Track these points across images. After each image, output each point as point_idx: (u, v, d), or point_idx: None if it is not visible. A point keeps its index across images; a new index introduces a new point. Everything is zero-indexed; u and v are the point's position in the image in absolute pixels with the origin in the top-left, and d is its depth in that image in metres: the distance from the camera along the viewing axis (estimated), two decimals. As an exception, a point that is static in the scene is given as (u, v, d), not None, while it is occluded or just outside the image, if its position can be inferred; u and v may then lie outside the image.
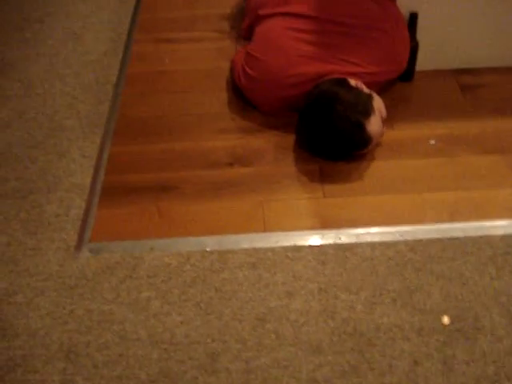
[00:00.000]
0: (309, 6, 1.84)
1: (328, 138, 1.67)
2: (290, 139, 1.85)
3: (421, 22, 1.93)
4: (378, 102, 1.71)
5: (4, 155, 1.87)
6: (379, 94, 1.81)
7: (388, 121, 1.85)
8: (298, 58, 1.77)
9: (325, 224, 1.61)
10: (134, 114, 1.98)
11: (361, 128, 1.64)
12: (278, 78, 1.80)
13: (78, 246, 1.59)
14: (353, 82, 1.70)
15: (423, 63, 2.01)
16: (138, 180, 1.76)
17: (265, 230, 1.60)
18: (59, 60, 2.24)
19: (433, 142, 1.82)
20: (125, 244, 1.59)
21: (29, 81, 2.15)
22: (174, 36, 2.31)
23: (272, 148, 1.82)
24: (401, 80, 1.98)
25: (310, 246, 1.56)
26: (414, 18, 1.90)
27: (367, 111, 1.65)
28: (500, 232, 1.59)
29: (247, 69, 1.88)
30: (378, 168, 1.76)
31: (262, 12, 1.94)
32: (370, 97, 1.69)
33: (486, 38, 1.99)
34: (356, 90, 1.68)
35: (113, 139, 1.89)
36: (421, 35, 1.95)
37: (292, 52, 1.79)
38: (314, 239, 1.58)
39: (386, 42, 1.78)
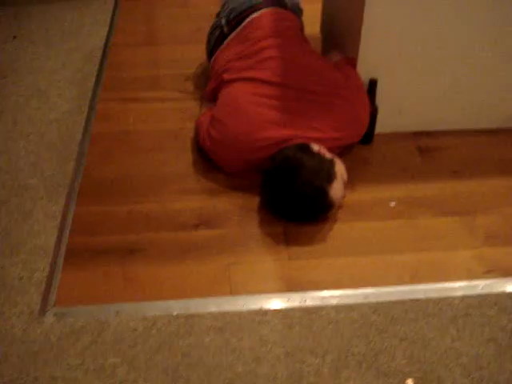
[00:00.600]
0: (272, 73, 1.90)
1: (291, 202, 1.71)
2: (254, 201, 1.88)
3: (380, 88, 2.01)
4: (339, 167, 1.76)
5: (-35, 215, 1.84)
6: (340, 156, 1.87)
7: (349, 183, 1.90)
8: (262, 124, 1.82)
9: (290, 286, 1.63)
10: (99, 174, 1.98)
11: (323, 194, 1.69)
12: (242, 142, 1.84)
13: (42, 310, 1.58)
14: (316, 147, 1.75)
15: (382, 126, 2.08)
16: (103, 242, 1.75)
17: (231, 293, 1.61)
18: (23, 117, 2.24)
19: (393, 204, 1.88)
20: (90, 308, 1.58)
21: (-9, 139, 2.14)
22: (138, 95, 2.34)
23: (237, 210, 1.85)
24: (361, 143, 2.04)
25: (277, 310, 1.58)
26: (373, 84, 1.98)
27: (330, 177, 1.70)
28: (460, 293, 1.64)
29: (212, 132, 1.92)
30: (341, 230, 1.80)
31: (226, 76, 1.99)
32: (332, 162, 1.74)
33: (443, 102, 2.09)
34: (319, 155, 1.72)
35: (78, 199, 1.89)
36: (380, 100, 2.02)
37: (256, 117, 1.83)
38: (280, 302, 1.59)
39: (348, 108, 1.85)
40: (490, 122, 2.16)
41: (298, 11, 2.21)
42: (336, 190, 1.70)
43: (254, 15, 2.08)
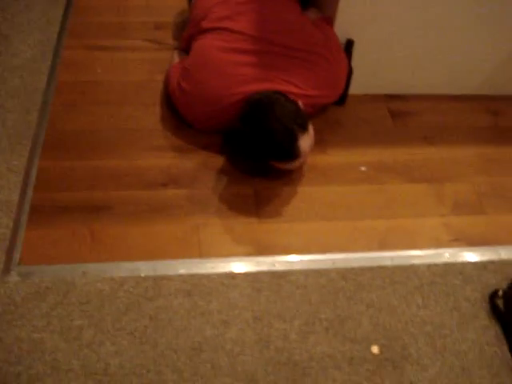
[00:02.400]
0: (252, 25, 1.84)
1: (260, 137, 1.66)
2: (224, 160, 1.85)
3: (355, 48, 1.97)
4: (311, 127, 1.73)
5: None
6: (314, 116, 1.85)
7: (321, 144, 1.89)
8: (237, 79, 1.77)
9: (260, 250, 1.63)
10: (64, 127, 1.92)
11: (293, 138, 1.64)
12: (215, 97, 1.79)
13: (6, 269, 1.54)
14: (293, 97, 1.72)
15: (356, 87, 2.06)
16: (68, 199, 1.71)
17: (200, 256, 1.60)
18: (-17, 62, 2.13)
19: (364, 168, 1.88)
20: (56, 268, 1.55)
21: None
22: (106, 43, 2.25)
23: (206, 169, 1.82)
24: (334, 104, 2.01)
25: (246, 273, 1.57)
26: (350, 44, 1.95)
27: (304, 126, 1.66)
28: (426, 261, 1.66)
29: (183, 84, 1.86)
30: (312, 194, 1.79)
31: (204, 24, 1.92)
32: (308, 117, 1.71)
33: (417, 65, 2.07)
34: (297, 104, 1.69)
35: (42, 153, 1.83)
36: (354, 61, 1.99)
37: (231, 73, 1.78)
38: (249, 266, 1.59)
39: (328, 67, 1.81)
40: (464, 88, 2.16)
41: None
42: (305, 142, 1.66)
43: None
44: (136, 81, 2.10)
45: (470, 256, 1.68)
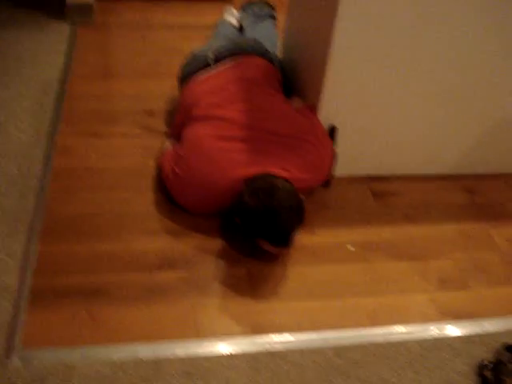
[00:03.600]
0: (241, 113, 1.96)
1: (263, 218, 1.74)
2: (217, 242, 1.92)
3: (338, 133, 2.09)
4: None
5: None
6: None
7: (309, 226, 1.98)
8: (230, 164, 1.86)
9: (255, 329, 1.68)
10: (60, 212, 1.97)
11: (292, 228, 1.78)
12: (209, 181, 1.88)
13: (7, 354, 1.56)
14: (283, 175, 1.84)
15: (339, 170, 2.17)
16: (67, 283, 1.75)
17: (198, 336, 1.64)
18: (-21, 149, 2.20)
19: (351, 247, 1.96)
20: (56, 351, 1.58)
21: None
22: (99, 130, 2.34)
23: (200, 251, 1.88)
24: (320, 186, 2.11)
25: (243, 354, 1.62)
26: (333, 130, 2.07)
27: (302, 220, 1.82)
28: (416, 336, 1.72)
29: (177, 169, 1.95)
30: (302, 273, 1.86)
31: (195, 111, 2.03)
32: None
33: (396, 148, 2.20)
34: (288, 181, 1.81)
35: (39, 237, 1.88)
36: (337, 145, 2.11)
37: (224, 160, 1.87)
38: (247, 346, 1.64)
39: (316, 152, 1.93)
40: (439, 168, 2.29)
41: (277, 62, 2.33)
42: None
43: (241, 59, 2.17)
44: (129, 167, 2.18)
45: (457, 330, 1.75)
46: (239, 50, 2.24)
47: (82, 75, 2.67)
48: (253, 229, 1.79)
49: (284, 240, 1.78)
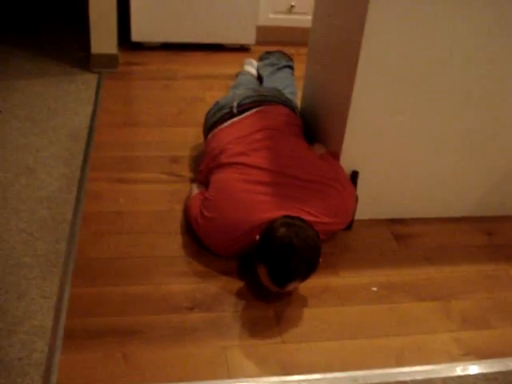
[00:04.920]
0: (267, 160, 2.04)
1: (306, 250, 1.80)
2: (244, 284, 1.97)
3: (359, 178, 2.16)
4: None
5: (-41, 294, 1.86)
6: (324, 241, 2.00)
7: (332, 268, 2.04)
8: (257, 207, 1.93)
9: (285, 370, 1.72)
10: (91, 255, 2.04)
11: (317, 263, 1.85)
12: (237, 223, 1.94)
13: (44, 394, 1.60)
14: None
15: (360, 213, 2.23)
16: (100, 323, 1.80)
17: (229, 376, 1.68)
18: (13, 194, 2.28)
19: (375, 288, 2.01)
20: (92, 391, 1.62)
21: (-18, 215, 2.17)
22: (126, 176, 2.43)
23: (228, 293, 1.94)
24: (342, 229, 2.18)
25: (273, 393, 1.65)
26: (355, 175, 2.14)
27: (307, 275, 1.87)
28: (441, 375, 1.76)
29: (205, 212, 2.02)
30: (329, 314, 1.90)
31: (223, 158, 2.11)
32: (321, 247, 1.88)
33: (416, 192, 2.27)
34: (315, 230, 1.87)
35: (72, 280, 1.94)
36: (359, 189, 2.18)
37: (249, 203, 1.95)
38: (277, 385, 1.67)
39: (340, 197, 2.00)
40: (458, 210, 2.35)
41: (297, 110, 2.44)
42: (294, 286, 1.89)
43: (263, 107, 2.26)
44: (157, 211, 2.25)
45: (481, 368, 1.78)
46: (262, 98, 2.34)
47: (108, 124, 2.78)
48: (264, 252, 1.83)
49: (282, 280, 1.81)
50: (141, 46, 3.48)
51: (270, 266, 1.81)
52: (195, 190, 2.23)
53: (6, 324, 1.78)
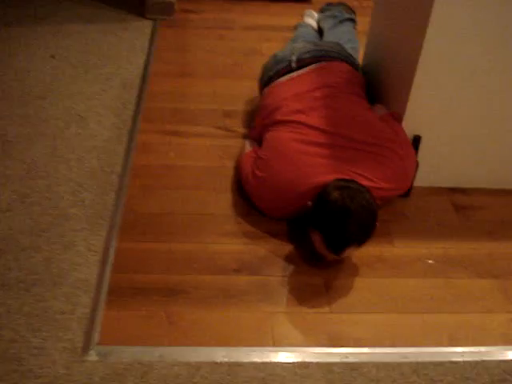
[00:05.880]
0: (325, 120, 1.93)
1: (362, 213, 1.71)
2: (293, 248, 1.90)
3: (421, 143, 2.04)
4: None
5: (5, 241, 1.84)
6: (380, 207, 1.90)
7: (388, 236, 1.94)
8: (310, 170, 1.84)
9: (332, 341, 1.65)
10: (139, 209, 2.00)
11: (347, 242, 1.74)
12: (289, 186, 1.86)
13: (85, 348, 1.58)
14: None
15: (419, 180, 2.12)
16: (145, 281, 1.76)
17: (274, 344, 1.63)
18: (62, 142, 2.25)
19: (431, 261, 1.91)
20: (133, 349, 1.59)
21: (32, 161, 2.14)
22: (178, 129, 2.36)
23: (277, 257, 1.87)
24: (399, 195, 2.07)
25: (318, 364, 1.59)
26: (417, 140, 2.02)
27: (363, 241, 1.78)
28: (496, 357, 1.66)
29: (258, 173, 1.94)
30: (381, 286, 1.82)
31: (277, 116, 2.02)
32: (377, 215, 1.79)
33: (481, 160, 2.14)
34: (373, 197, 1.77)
35: (119, 234, 1.90)
36: (419, 154, 2.06)
37: (304, 165, 1.86)
38: (322, 357, 1.61)
39: (399, 162, 1.89)
40: (526, 182, 2.21)
41: (359, 67, 2.31)
42: (352, 252, 1.81)
43: (324, 63, 2.14)
44: (207, 166, 2.19)
45: (540, 353, 1.68)
46: (322, 53, 2.21)
47: (161, 73, 2.70)
48: (318, 219, 1.75)
49: (339, 246, 1.73)
50: (199, -6, 3.37)
51: (325, 232, 1.72)
52: (248, 146, 2.15)
53: (51, 275, 1.77)
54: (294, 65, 2.18)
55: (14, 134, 2.27)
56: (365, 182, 1.82)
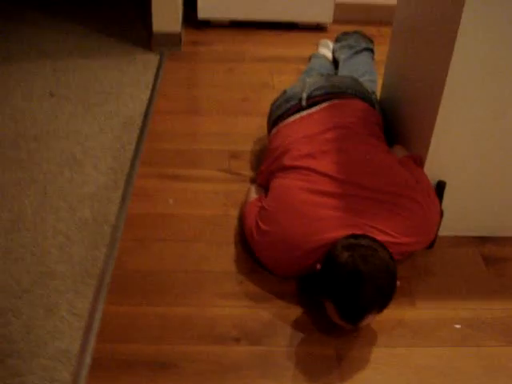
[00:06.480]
0: (337, 166, 1.73)
1: (377, 275, 1.49)
2: (302, 313, 1.69)
3: (446, 189, 1.82)
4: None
5: (-16, 303, 1.67)
6: (399, 262, 1.69)
7: (409, 296, 1.72)
8: (322, 224, 1.64)
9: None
10: (131, 266, 1.81)
11: (393, 289, 1.54)
12: (298, 242, 1.66)
13: None
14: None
15: (445, 229, 1.89)
16: (133, 352, 1.57)
17: (276, 431, 1.41)
18: (54, 189, 2.09)
19: (458, 326, 1.68)
20: None
21: (19, 210, 1.99)
22: (179, 172, 2.18)
23: (283, 322, 1.66)
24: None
25: None
26: (441, 186, 1.80)
27: (383, 306, 1.55)
28: None
29: (262, 225, 1.74)
30: (401, 356, 1.59)
31: (285, 161, 1.82)
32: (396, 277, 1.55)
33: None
34: (391, 256, 1.55)
35: (107, 296, 1.71)
36: (444, 201, 1.84)
37: (313, 218, 1.66)
38: None
39: (417, 211, 1.67)
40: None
41: (377, 103, 2.10)
42: (370, 319, 1.56)
43: (337, 101, 1.94)
44: (209, 215, 1.99)
45: None
46: (335, 90, 2.02)
47: (165, 111, 2.54)
48: (328, 285, 1.52)
49: (353, 316, 1.50)
50: (208, 24, 3.20)
51: (337, 301, 1.50)
52: (253, 193, 1.95)
53: (29, 345, 1.58)
54: (304, 103, 1.98)
55: (3, 180, 2.11)
56: (380, 237, 1.60)
